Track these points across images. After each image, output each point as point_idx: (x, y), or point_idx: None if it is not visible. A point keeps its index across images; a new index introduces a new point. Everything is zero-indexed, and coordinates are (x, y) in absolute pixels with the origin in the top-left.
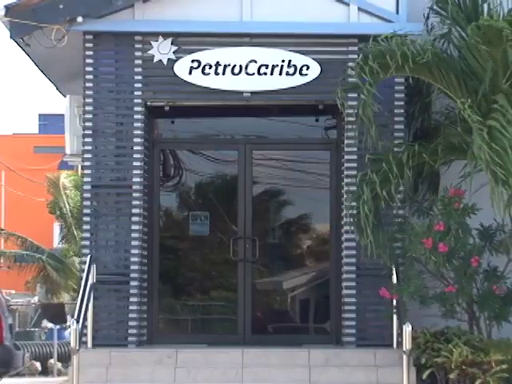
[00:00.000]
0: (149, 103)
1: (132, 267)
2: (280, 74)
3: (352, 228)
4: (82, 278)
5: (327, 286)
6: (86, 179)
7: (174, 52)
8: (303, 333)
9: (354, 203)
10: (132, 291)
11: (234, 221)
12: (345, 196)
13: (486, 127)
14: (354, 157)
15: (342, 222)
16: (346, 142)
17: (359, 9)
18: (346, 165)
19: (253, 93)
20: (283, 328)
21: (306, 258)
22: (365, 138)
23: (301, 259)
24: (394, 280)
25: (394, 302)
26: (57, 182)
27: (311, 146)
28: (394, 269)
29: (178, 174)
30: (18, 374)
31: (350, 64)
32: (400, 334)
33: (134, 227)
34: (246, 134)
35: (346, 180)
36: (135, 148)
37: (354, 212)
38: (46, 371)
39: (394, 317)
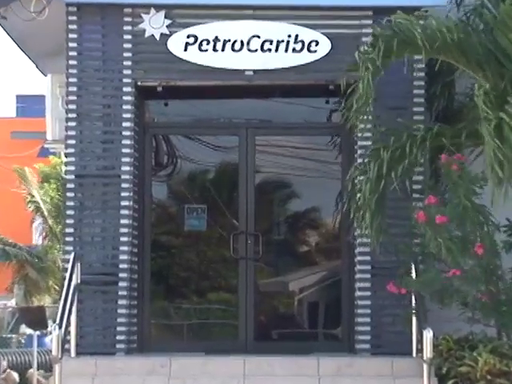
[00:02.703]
0: (139, 83)
1: (121, 266)
2: (286, 50)
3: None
4: (64, 279)
5: (338, 287)
6: (69, 168)
7: (167, 26)
8: (312, 339)
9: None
10: (121, 293)
11: (235, 214)
12: (349, 174)
13: (495, 119)
14: (368, 143)
15: (352, 212)
16: (359, 126)
17: None
18: (359, 152)
19: (255, 71)
20: (289, 334)
21: (315, 256)
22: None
23: (309, 257)
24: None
25: (414, 303)
26: (26, 176)
27: (320, 130)
28: (412, 267)
29: (172, 163)
30: None
31: (364, 39)
32: (420, 341)
33: (122, 221)
34: (248, 117)
35: (357, 161)
36: (124, 133)
37: (356, 191)
38: (24, 382)
39: (414, 321)
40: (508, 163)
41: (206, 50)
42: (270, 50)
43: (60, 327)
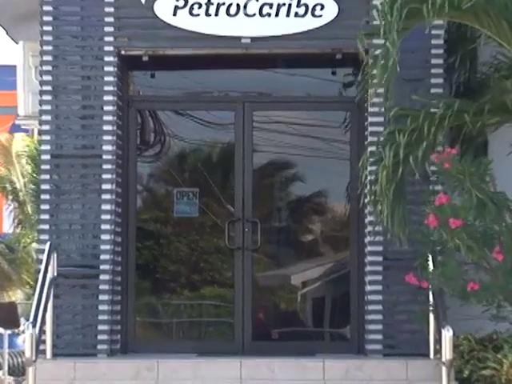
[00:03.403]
0: (123, 52)
1: (102, 257)
2: (287, 15)
3: (367, 201)
4: (39, 271)
5: (347, 281)
6: (44, 147)
7: None
8: (317, 339)
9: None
10: (102, 287)
11: (230, 199)
12: (362, 160)
13: None
14: (380, 119)
15: (366, 201)
16: (369, 100)
17: None
18: (370, 129)
19: (253, 39)
20: (291, 333)
21: (321, 246)
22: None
23: (314, 247)
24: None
25: (431, 299)
26: (8, 148)
27: (326, 105)
28: (430, 259)
29: (160, 141)
30: None
31: (375, 2)
32: (438, 341)
33: (104, 207)
34: (245, 90)
35: (369, 148)
36: (106, 108)
37: (371, 179)
38: None
39: (431, 319)
40: None
41: (198, 15)
42: (269, 14)
43: (34, 326)
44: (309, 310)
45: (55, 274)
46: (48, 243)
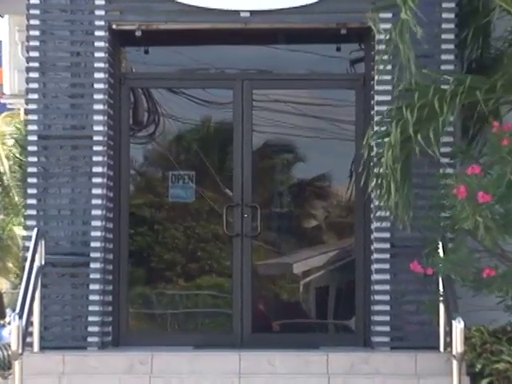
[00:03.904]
0: (114, 26)
1: (93, 244)
2: None
3: (374, 184)
4: (26, 259)
5: (352, 270)
6: (31, 127)
7: None
8: (320, 332)
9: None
10: (93, 276)
11: (229, 183)
12: (366, 138)
13: None
14: (388, 97)
15: (372, 184)
16: (376, 77)
17: None
18: (376, 108)
19: (253, 12)
20: (293, 325)
21: (324, 233)
22: (396, 73)
23: (317, 234)
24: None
25: (441, 289)
26: None
27: (330, 83)
28: (440, 245)
29: (154, 121)
30: None
31: None
32: (449, 333)
33: (95, 191)
34: (244, 67)
35: (376, 128)
36: (96, 86)
37: (377, 160)
38: None
39: (441, 309)
40: None
41: None
42: None
43: (20, 317)
44: (312, 300)
45: (43, 263)
46: (35, 230)
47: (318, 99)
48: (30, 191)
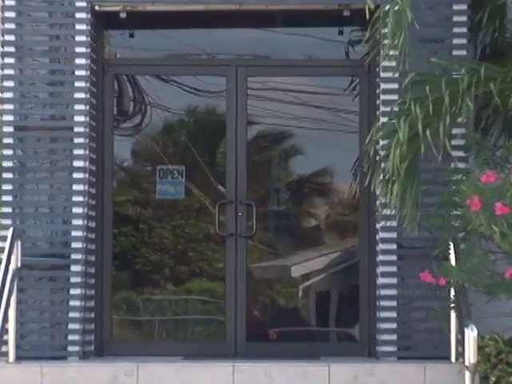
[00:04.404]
0: (97, 8)
1: (74, 245)
2: None
3: (379, 180)
4: (0, 261)
5: (355, 273)
6: (5, 118)
7: None
8: (321, 340)
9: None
10: (74, 280)
11: (221, 178)
12: (371, 133)
13: None
14: (395, 85)
15: (378, 180)
16: (382, 64)
17: None
18: (382, 97)
19: None
20: (292, 333)
21: (325, 233)
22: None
23: (317, 234)
24: (452, 263)
25: (452, 294)
26: None
27: (332, 69)
28: (451, 247)
29: (140, 111)
30: None
31: None
32: (460, 342)
33: (76, 187)
34: (239, 52)
35: (382, 119)
36: (78, 73)
37: (383, 155)
38: None
39: (452, 316)
40: None
41: None
42: None
43: None
44: (312, 306)
45: (19, 265)
46: (11, 229)
47: (319, 87)
48: (5, 187)
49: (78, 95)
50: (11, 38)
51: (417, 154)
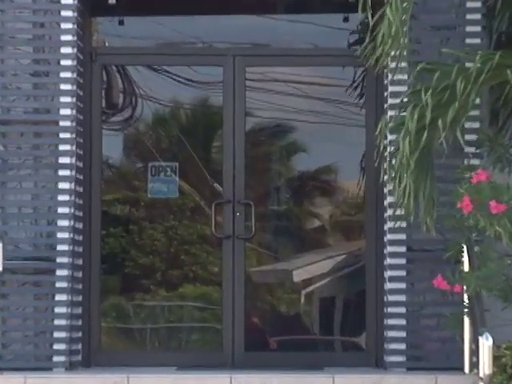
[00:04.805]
0: None
1: (59, 248)
2: None
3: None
4: None
5: (362, 278)
6: None
7: None
8: (325, 350)
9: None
10: (59, 285)
11: (218, 176)
12: (380, 126)
13: None
14: (404, 76)
15: (385, 178)
16: (390, 53)
17: None
18: (390, 89)
19: None
20: (293, 342)
21: (329, 234)
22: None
23: (320, 236)
24: (466, 267)
25: (466, 299)
26: None
27: (336, 59)
28: (464, 249)
29: (131, 104)
30: None
31: None
32: (475, 352)
33: (62, 186)
34: (236, 41)
35: (389, 112)
36: (63, 63)
37: (392, 150)
38: None
39: (466, 324)
40: None
41: None
42: None
43: None
44: (315, 313)
45: (1, 269)
46: None
47: (323, 78)
48: None
49: (63, 87)
50: None
51: (429, 147)
